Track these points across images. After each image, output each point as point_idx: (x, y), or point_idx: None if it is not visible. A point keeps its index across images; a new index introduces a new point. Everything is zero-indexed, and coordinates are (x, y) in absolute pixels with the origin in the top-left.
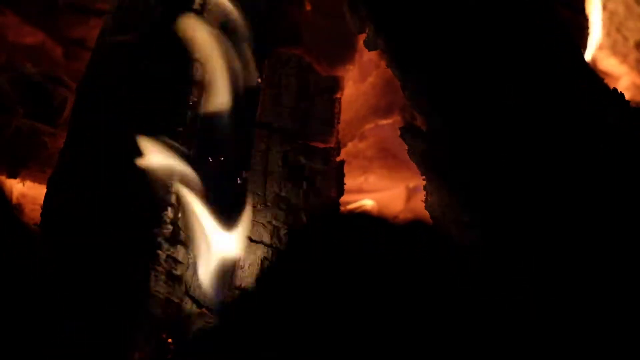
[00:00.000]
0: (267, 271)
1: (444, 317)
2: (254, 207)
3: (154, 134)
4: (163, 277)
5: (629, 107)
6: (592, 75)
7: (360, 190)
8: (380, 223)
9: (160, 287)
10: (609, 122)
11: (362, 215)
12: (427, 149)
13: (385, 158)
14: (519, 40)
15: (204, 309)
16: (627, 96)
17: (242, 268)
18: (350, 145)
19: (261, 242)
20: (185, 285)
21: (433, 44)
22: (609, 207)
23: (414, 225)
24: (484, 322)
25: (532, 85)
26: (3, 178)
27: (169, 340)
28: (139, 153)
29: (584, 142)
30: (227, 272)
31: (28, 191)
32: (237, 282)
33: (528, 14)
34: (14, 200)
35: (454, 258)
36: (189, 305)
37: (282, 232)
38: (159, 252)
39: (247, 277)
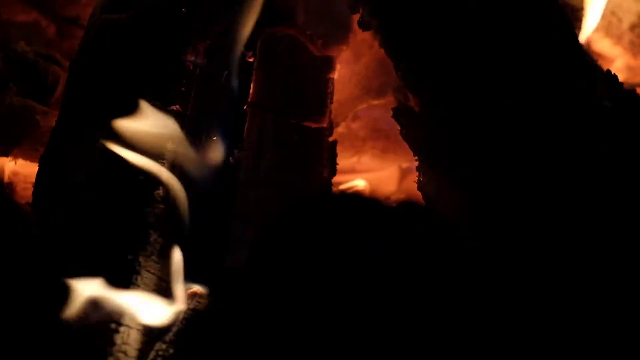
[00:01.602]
0: (259, 252)
1: (438, 301)
2: (246, 186)
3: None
4: (154, 256)
5: (622, 89)
6: (586, 57)
7: (352, 171)
8: (372, 205)
9: (150, 267)
10: (603, 104)
11: (355, 197)
12: (420, 129)
13: (377, 138)
14: (514, 21)
15: (195, 289)
16: (620, 78)
17: (232, 248)
18: (342, 125)
19: (252, 222)
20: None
21: (427, 24)
22: (605, 190)
23: (407, 206)
24: (480, 308)
25: (526, 66)
26: None
27: None
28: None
29: (578, 124)
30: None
31: (20, 169)
32: (227, 262)
33: None
34: (6, 178)
35: (447, 239)
36: (179, 285)
37: (274, 211)
38: (150, 231)
39: (237, 257)
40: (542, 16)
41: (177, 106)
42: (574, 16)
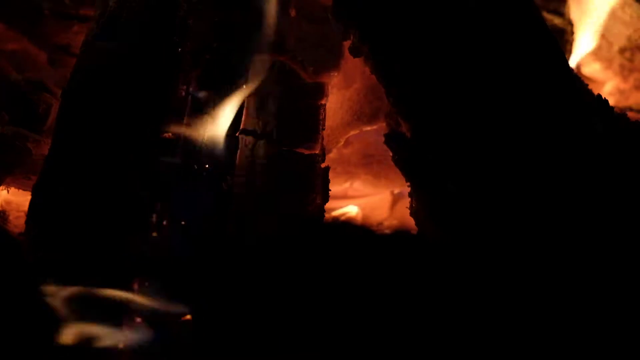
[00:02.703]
0: (252, 278)
1: (428, 324)
2: (239, 213)
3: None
4: (147, 282)
5: (613, 113)
6: (577, 82)
7: (345, 196)
8: (365, 232)
9: (144, 294)
10: (595, 128)
11: (348, 225)
12: (412, 155)
13: (370, 164)
14: (504, 46)
15: (186, 317)
16: (611, 101)
17: (226, 273)
18: (335, 151)
19: (246, 248)
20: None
21: (418, 51)
22: (598, 213)
23: (399, 233)
24: (470, 329)
25: (517, 92)
26: None
27: None
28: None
29: (570, 149)
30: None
31: (13, 198)
32: (221, 287)
33: (513, 20)
34: None
35: (438, 264)
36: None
37: (267, 238)
38: (145, 255)
39: (230, 282)
40: (531, 41)
41: (169, 134)
42: (563, 39)
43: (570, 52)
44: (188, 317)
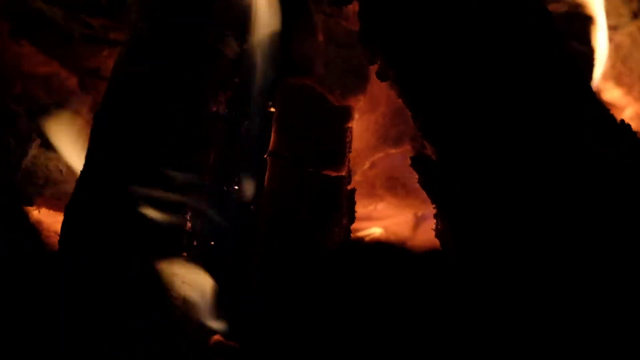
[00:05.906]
0: (278, 298)
1: (451, 344)
2: (266, 234)
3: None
4: (179, 302)
5: (636, 138)
6: (600, 107)
7: (369, 218)
8: (389, 252)
9: (177, 310)
10: (618, 155)
11: (374, 245)
12: (438, 178)
13: (394, 187)
14: (529, 72)
15: (217, 336)
16: (632, 127)
17: (251, 294)
18: (359, 173)
19: (272, 269)
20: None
21: (444, 76)
22: (620, 242)
23: (422, 254)
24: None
25: (542, 117)
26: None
27: None
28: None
29: (594, 173)
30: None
31: (44, 218)
32: (246, 309)
33: (538, 47)
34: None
35: (463, 286)
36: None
37: (294, 259)
38: (174, 277)
39: (256, 303)
40: (554, 65)
41: (201, 157)
42: (585, 65)
43: (591, 78)
44: (217, 337)
